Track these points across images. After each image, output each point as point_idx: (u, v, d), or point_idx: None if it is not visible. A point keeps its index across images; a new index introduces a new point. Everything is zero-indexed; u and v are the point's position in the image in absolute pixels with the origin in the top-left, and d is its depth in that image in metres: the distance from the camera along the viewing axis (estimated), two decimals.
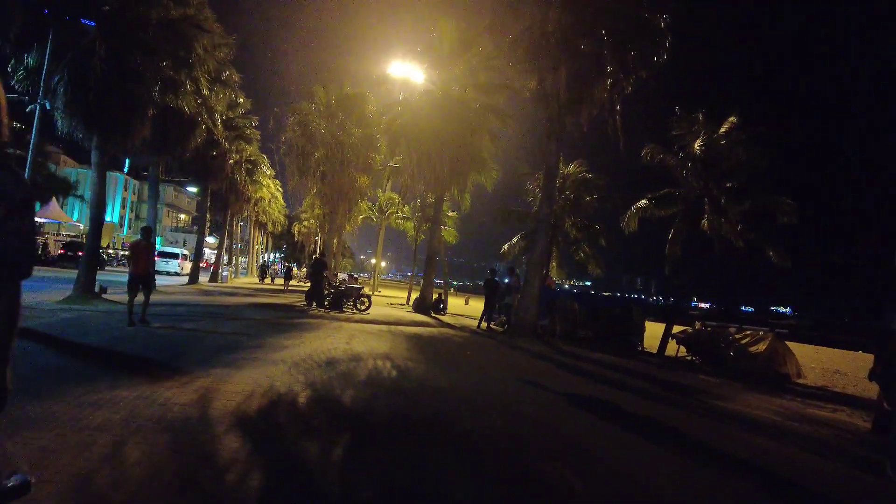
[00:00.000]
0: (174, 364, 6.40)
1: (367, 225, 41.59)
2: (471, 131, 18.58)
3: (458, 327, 14.95)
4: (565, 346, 12.54)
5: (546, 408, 6.23)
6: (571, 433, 5.23)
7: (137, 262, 9.59)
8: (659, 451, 5.04)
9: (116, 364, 6.26)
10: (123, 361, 6.44)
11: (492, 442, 4.59)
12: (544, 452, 4.46)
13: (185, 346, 7.76)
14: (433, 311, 19.67)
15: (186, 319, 11.01)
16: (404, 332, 11.97)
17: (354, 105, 23.30)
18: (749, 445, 5.70)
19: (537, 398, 6.78)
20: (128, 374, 5.70)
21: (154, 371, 5.93)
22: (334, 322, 12.79)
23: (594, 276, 20.06)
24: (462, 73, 18.89)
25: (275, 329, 10.56)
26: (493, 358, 10.00)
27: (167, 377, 5.59)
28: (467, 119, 18.59)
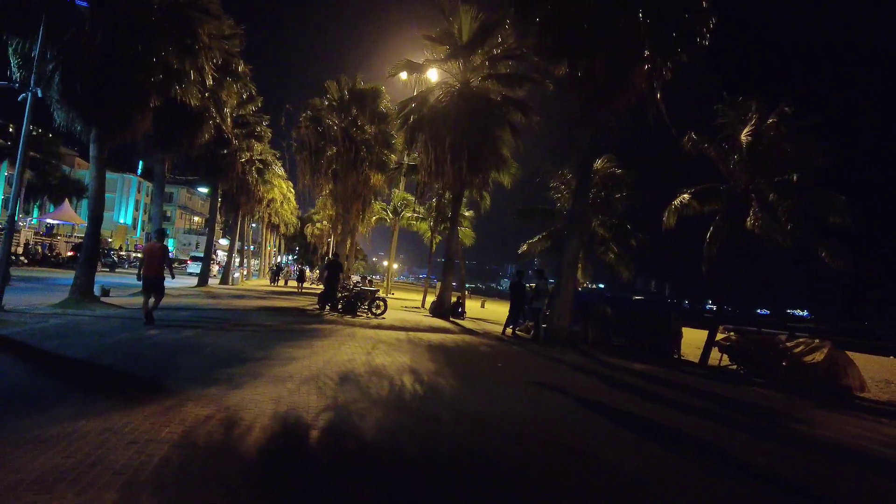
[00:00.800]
0: (163, 381, 5.40)
1: (378, 226, 40.65)
2: (491, 125, 17.49)
3: (481, 333, 13.86)
4: (602, 356, 11.38)
5: (607, 440, 5.13)
6: (647, 479, 4.11)
7: (150, 264, 9.49)
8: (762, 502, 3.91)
9: (94, 381, 5.27)
10: (103, 378, 5.46)
11: (549, 490, 3.51)
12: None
13: (180, 358, 6.77)
14: (452, 316, 18.59)
15: (187, 325, 10.06)
16: (425, 340, 10.91)
17: (368, 100, 22.35)
18: (872, 490, 4.55)
19: (592, 426, 5.67)
20: (103, 395, 4.71)
21: (136, 391, 4.93)
22: (349, 328, 11.77)
23: (625, 280, 18.89)
24: (482, 64, 17.83)
25: (284, 337, 9.55)
26: (529, 371, 8.89)
27: (150, 399, 4.58)
28: (487, 112, 17.51)
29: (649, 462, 4.52)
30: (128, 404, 4.38)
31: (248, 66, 19.08)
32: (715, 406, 7.78)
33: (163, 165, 17.28)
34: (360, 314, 15.88)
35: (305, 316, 14.32)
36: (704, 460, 4.80)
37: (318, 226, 55.45)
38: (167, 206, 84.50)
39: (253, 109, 25.37)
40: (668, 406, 7.17)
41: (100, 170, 12.02)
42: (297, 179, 22.87)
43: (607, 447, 4.82)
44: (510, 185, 20.45)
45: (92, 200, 12.13)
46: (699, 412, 7.07)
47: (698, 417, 6.71)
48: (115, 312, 11.14)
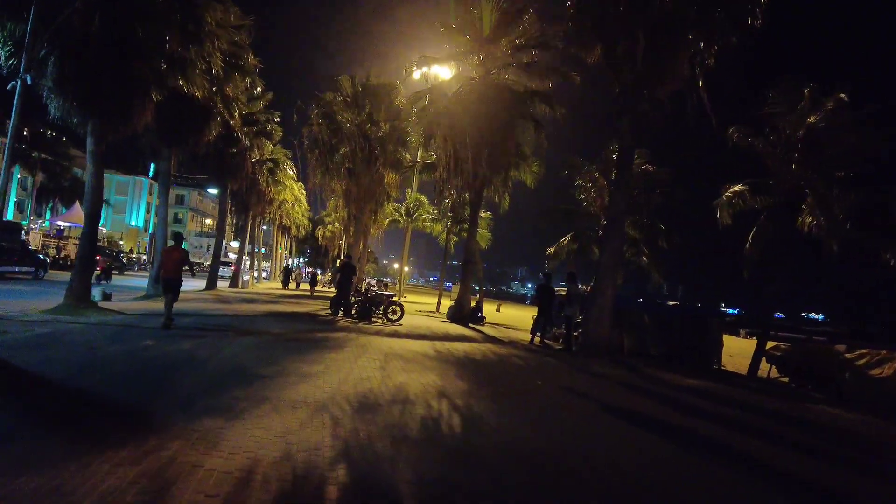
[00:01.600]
0: (147, 410, 4.43)
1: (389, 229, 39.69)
2: (514, 119, 16.47)
3: (507, 342, 12.79)
4: (645, 369, 10.25)
5: (694, 482, 4.05)
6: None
7: (167, 266, 9.81)
8: None
9: (62, 411, 4.31)
10: (75, 405, 4.50)
11: None
12: None
13: (175, 377, 5.80)
14: (471, 322, 17.54)
15: (189, 334, 9.12)
16: (449, 351, 9.87)
17: (382, 95, 21.41)
18: None
19: (668, 462, 4.59)
20: (68, 432, 3.75)
21: (111, 425, 3.97)
22: (364, 337, 10.77)
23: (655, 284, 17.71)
24: (504, 55, 16.82)
25: (294, 348, 8.57)
26: (574, 391, 7.81)
27: (125, 438, 3.59)
28: (510, 105, 16.47)
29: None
30: (95, 446, 3.40)
31: (257, 60, 18.25)
32: (802, 434, 6.64)
33: (168, 163, 16.45)
34: (375, 320, 14.89)
35: (317, 322, 13.35)
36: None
37: (330, 228, 54.72)
38: (178, 208, 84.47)
39: (263, 106, 24.58)
40: (740, 431, 6.05)
41: (97, 165, 11.16)
42: (309, 179, 21.95)
43: (696, 490, 3.75)
44: (532, 183, 19.40)
45: (88, 197, 11.27)
46: (784, 441, 5.94)
47: (790, 450, 5.59)
48: (113, 319, 10.25)
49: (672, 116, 12.37)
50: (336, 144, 21.54)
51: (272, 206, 34.49)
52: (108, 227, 63.08)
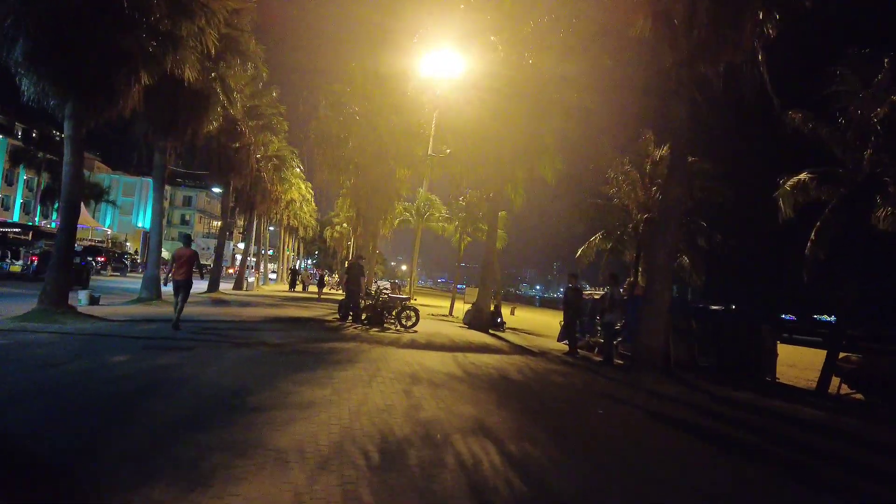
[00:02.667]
0: (77, 468, 3.06)
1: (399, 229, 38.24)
2: (542, 107, 15.02)
3: (537, 353, 11.33)
4: (708, 386, 8.75)
5: None
6: None
7: (178, 268, 9.73)
8: None
9: None
10: None
11: None
12: None
13: (136, 410, 4.43)
14: (490, 328, 16.09)
15: (174, 345, 7.77)
16: (479, 367, 8.43)
17: (394, 86, 20.02)
18: None
19: None
20: None
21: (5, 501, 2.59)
22: (378, 348, 9.37)
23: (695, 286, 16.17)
24: (530, 35, 15.36)
25: (295, 364, 7.18)
26: (646, 421, 6.34)
27: None
28: (535, 91, 15.03)
29: None
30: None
31: (261, 48, 16.96)
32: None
33: (164, 155, 15.17)
34: (388, 326, 13.50)
35: (324, 330, 11.98)
36: None
37: (338, 228, 53.52)
38: (186, 210, 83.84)
39: (268, 100, 23.36)
40: (868, 478, 4.57)
41: (76, 152, 9.85)
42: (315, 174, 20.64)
43: None
44: (553, 180, 17.91)
45: (66, 188, 9.96)
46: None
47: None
48: (90, 327, 8.93)
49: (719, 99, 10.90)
50: (345, 138, 20.21)
51: (278, 206, 33.28)
52: (115, 228, 62.35)
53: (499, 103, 14.97)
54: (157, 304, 14.20)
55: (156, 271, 15.00)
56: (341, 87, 20.30)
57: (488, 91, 15.22)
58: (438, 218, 34.54)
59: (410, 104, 20.61)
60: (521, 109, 14.83)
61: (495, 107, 15.00)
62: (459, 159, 15.70)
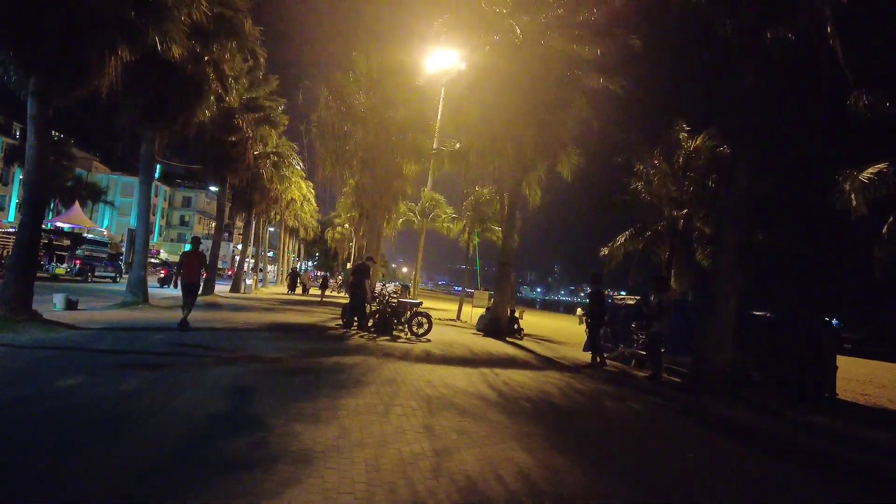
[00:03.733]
0: None
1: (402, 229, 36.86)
2: (566, 93, 13.74)
3: (568, 366, 9.98)
4: (779, 408, 7.39)
5: None
6: None
7: (188, 271, 9.81)
8: None
9: None
10: None
11: None
12: None
13: (60, 468, 3.09)
14: (507, 335, 14.74)
15: (145, 361, 6.43)
16: (513, 388, 7.08)
17: (401, 75, 18.74)
18: None
19: None
20: None
21: None
22: (389, 362, 8.02)
23: None
24: (553, 18, 14.08)
25: (292, 387, 5.83)
26: (750, 469, 4.98)
27: None
28: (560, 77, 13.74)
29: None
30: None
31: (258, 31, 15.65)
32: None
33: (152, 145, 13.84)
34: (397, 334, 12.17)
35: (327, 339, 10.63)
36: None
37: (339, 229, 52.20)
38: (185, 210, 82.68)
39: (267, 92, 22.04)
40: None
41: (41, 135, 8.51)
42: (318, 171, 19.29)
43: None
44: (569, 175, 16.57)
45: (29, 176, 8.63)
46: None
47: None
48: (52, 338, 7.59)
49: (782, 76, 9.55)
50: (349, 130, 18.89)
51: (278, 205, 31.93)
52: (113, 229, 61.15)
53: (516, 92, 13.70)
54: (143, 309, 12.88)
55: (142, 272, 13.68)
56: (344, 76, 18.98)
57: (505, 78, 13.94)
58: (445, 219, 33.22)
59: (420, 95, 19.36)
60: (540, 98, 13.53)
61: (512, 96, 13.73)
62: (472, 154, 14.38)
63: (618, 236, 15.49)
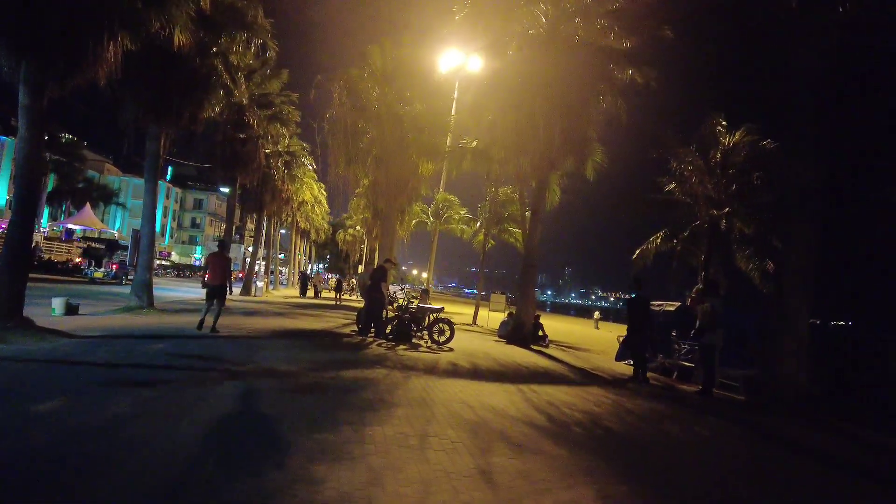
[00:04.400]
0: None
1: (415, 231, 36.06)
2: (595, 84, 12.87)
3: (609, 379, 9.07)
4: (858, 430, 6.45)
5: None
6: None
7: (211, 273, 9.80)
8: None
9: None
10: None
11: None
12: None
13: None
14: (532, 343, 13.83)
15: (142, 378, 5.65)
16: (557, 408, 6.20)
17: (417, 69, 17.95)
18: None
19: None
20: None
21: None
22: (414, 376, 7.18)
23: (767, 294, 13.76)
24: (579, 4, 13.22)
25: (308, 411, 5.00)
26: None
27: None
28: (588, 68, 12.88)
29: None
30: None
31: (268, 21, 14.93)
32: None
33: (158, 142, 13.15)
34: (418, 341, 11.34)
35: (342, 348, 9.82)
36: None
37: (351, 231, 51.61)
38: (197, 212, 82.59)
39: (279, 88, 21.41)
40: None
41: (33, 127, 7.79)
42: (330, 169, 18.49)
43: None
44: (593, 175, 15.64)
45: (21, 170, 7.89)
46: None
47: None
48: (38, 349, 6.84)
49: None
50: (362, 127, 18.11)
51: (290, 207, 31.33)
52: (125, 231, 60.96)
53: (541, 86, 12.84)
54: (147, 314, 12.17)
55: (147, 275, 12.98)
56: (358, 71, 18.22)
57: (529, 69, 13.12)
58: (459, 220, 32.38)
59: (437, 90, 18.56)
60: (566, 91, 12.66)
61: (537, 90, 12.86)
62: (496, 149, 13.54)
63: (651, 237, 14.51)
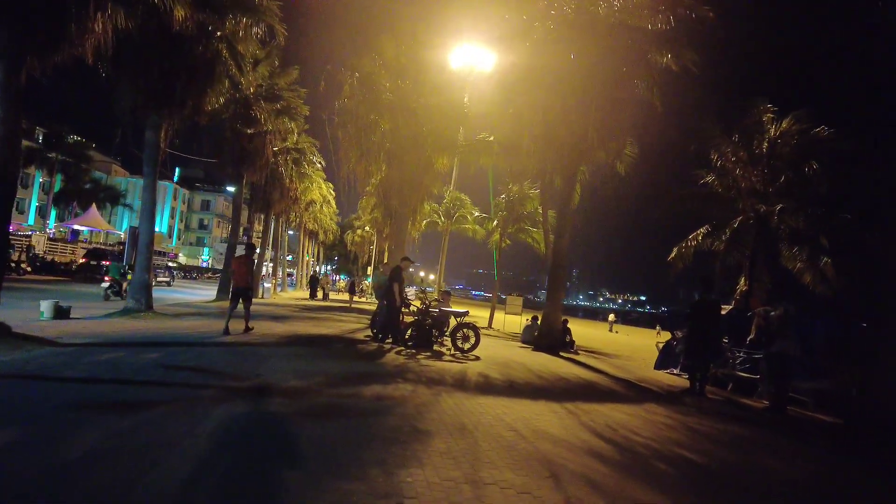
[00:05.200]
0: None
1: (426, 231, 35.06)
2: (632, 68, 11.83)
3: (662, 393, 8.00)
4: None
5: None
6: None
7: (238, 275, 10.17)
8: None
9: None
10: None
11: None
12: None
13: None
14: (560, 350, 12.76)
15: (120, 398, 4.65)
16: (620, 433, 5.15)
17: (433, 60, 16.94)
18: None
19: None
20: None
21: None
22: (444, 393, 6.15)
23: (822, 295, 12.59)
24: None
25: (324, 446, 3.97)
26: None
27: None
28: (622, 52, 11.83)
29: None
30: None
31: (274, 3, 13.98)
32: None
33: (158, 133, 12.22)
34: (439, 349, 10.33)
35: (358, 356, 8.81)
36: None
37: (360, 232, 50.65)
38: (204, 214, 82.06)
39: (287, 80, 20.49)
40: None
41: (9, 107, 6.84)
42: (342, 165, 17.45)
43: None
44: (624, 169, 14.55)
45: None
46: None
47: None
48: (9, 360, 5.89)
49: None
50: (374, 120, 17.11)
51: (298, 206, 30.46)
52: None
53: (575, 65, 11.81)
54: (145, 318, 11.24)
55: (146, 276, 12.06)
56: (371, 61, 17.23)
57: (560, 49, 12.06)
58: (472, 220, 31.37)
59: (453, 82, 17.53)
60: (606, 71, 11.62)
61: (571, 69, 11.83)
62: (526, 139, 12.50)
63: (691, 234, 13.34)
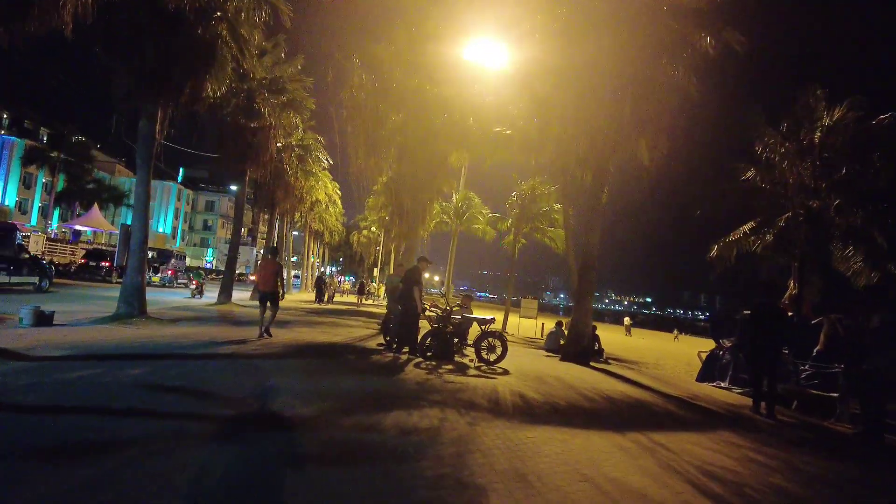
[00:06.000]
0: None
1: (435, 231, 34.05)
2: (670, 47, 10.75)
3: (727, 415, 6.90)
4: None
5: None
6: None
7: (264, 280, 10.01)
8: None
9: None
10: None
11: None
12: None
13: None
14: (591, 359, 11.67)
15: (84, 434, 3.61)
16: (723, 482, 4.08)
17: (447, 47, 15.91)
18: None
19: None
20: None
21: None
22: (481, 423, 5.08)
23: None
24: None
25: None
26: None
27: None
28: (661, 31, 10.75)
29: None
30: None
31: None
32: None
33: (153, 122, 11.22)
34: (460, 359, 9.26)
35: (372, 371, 7.72)
36: None
37: (366, 233, 49.77)
38: (209, 214, 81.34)
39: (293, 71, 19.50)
40: None
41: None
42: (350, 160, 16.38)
43: None
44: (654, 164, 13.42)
45: None
46: None
47: None
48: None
49: None
50: (384, 111, 16.09)
51: (303, 205, 29.48)
52: None
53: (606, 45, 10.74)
54: (136, 324, 10.21)
55: (138, 278, 11.07)
56: (383, 48, 16.20)
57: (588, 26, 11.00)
58: (484, 221, 30.35)
59: (468, 71, 16.46)
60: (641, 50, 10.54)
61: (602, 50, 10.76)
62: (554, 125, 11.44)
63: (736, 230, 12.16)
